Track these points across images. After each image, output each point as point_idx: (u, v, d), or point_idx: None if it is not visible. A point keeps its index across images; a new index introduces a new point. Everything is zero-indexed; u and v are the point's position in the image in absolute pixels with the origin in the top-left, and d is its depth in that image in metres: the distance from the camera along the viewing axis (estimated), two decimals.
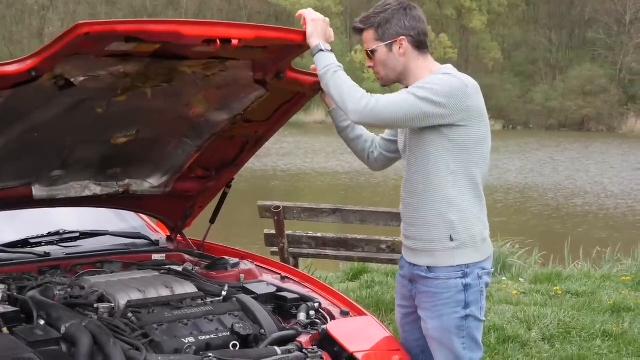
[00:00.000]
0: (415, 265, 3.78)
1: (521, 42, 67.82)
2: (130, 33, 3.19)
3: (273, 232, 7.96)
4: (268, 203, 7.84)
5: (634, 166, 31.23)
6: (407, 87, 3.73)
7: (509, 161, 30.95)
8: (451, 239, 3.66)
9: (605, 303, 7.82)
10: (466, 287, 3.67)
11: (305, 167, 28.70)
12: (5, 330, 3.32)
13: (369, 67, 3.82)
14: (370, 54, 3.76)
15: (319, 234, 8.07)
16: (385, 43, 3.70)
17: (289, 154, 31.81)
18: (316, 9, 3.80)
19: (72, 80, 3.36)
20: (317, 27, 3.65)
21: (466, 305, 3.68)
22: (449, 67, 3.75)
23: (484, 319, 3.82)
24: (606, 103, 57.27)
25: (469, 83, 3.65)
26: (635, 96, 58.14)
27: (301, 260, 8.58)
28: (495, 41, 67.53)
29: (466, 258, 3.68)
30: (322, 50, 3.63)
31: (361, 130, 4.05)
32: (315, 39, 3.63)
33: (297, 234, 8.03)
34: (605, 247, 11.89)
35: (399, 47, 3.69)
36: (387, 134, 4.07)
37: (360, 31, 3.79)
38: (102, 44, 3.20)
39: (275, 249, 7.94)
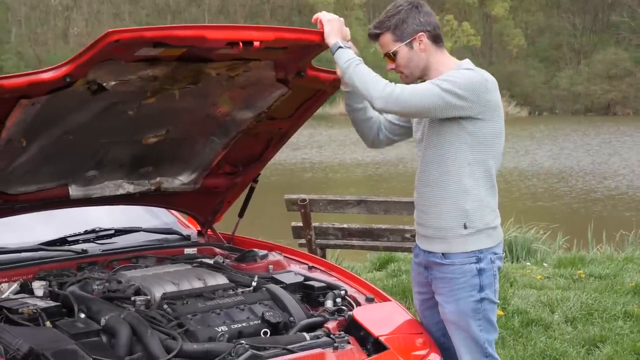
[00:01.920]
0: (430, 252, 3.91)
1: (545, 27, 67.50)
2: (157, 39, 3.34)
3: (300, 224, 8.10)
4: (294, 196, 7.97)
5: None
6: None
7: (536, 147, 30.91)
8: (465, 227, 3.79)
9: (628, 285, 7.88)
10: (480, 271, 3.80)
11: (329, 159, 28.84)
12: (48, 323, 3.46)
13: (390, 69, 3.94)
14: (392, 56, 3.87)
15: (344, 225, 8.20)
16: (405, 42, 3.82)
17: (316, 147, 31.94)
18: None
19: (104, 84, 3.50)
20: (333, 26, 3.78)
21: (481, 289, 3.81)
22: (468, 63, 3.88)
23: (497, 301, 3.95)
24: (632, 86, 56.93)
25: (489, 79, 3.78)
26: None
27: (328, 252, 8.71)
28: (518, 27, 67.25)
29: (479, 244, 3.81)
30: (340, 47, 3.75)
31: (372, 112, 4.16)
32: (332, 38, 3.76)
33: (324, 225, 8.17)
34: (629, 230, 11.95)
35: (419, 44, 3.82)
36: (393, 117, 4.18)
37: (376, 36, 3.90)
38: (132, 49, 3.34)
39: (302, 240, 8.07)
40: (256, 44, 3.51)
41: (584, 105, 57.81)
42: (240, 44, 3.49)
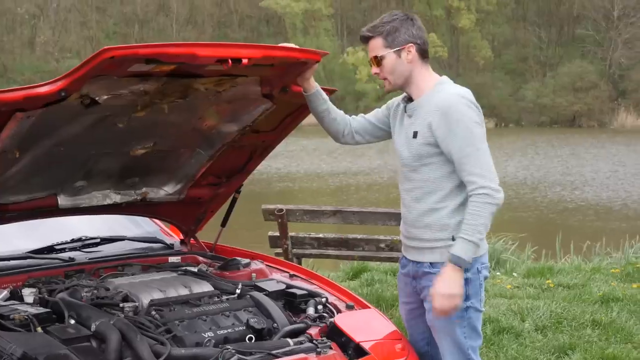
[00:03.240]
0: (418, 262, 4.03)
1: (511, 40, 67.93)
2: (150, 55, 3.43)
3: (277, 234, 8.21)
4: (272, 206, 8.08)
5: (623, 161, 31.51)
6: (409, 94, 4.02)
7: (505, 159, 31.17)
8: (453, 239, 3.89)
9: (595, 294, 8.03)
10: (467, 280, 3.89)
11: (300, 169, 28.95)
12: (39, 329, 3.55)
13: (375, 73, 4.04)
14: (379, 61, 3.99)
15: (320, 235, 8.32)
16: (394, 50, 3.94)
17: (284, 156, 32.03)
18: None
19: (97, 98, 3.59)
20: (445, 302, 3.85)
21: (467, 298, 3.91)
22: (446, 79, 4.03)
23: (483, 309, 4.07)
24: (597, 99, 57.43)
25: (480, 119, 3.92)
26: (625, 91, 58.37)
27: (303, 261, 8.82)
28: (485, 39, 67.63)
29: None
30: (455, 256, 3.80)
31: (336, 113, 4.27)
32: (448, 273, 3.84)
33: (300, 235, 8.28)
34: (596, 240, 12.17)
35: (407, 54, 3.94)
36: (374, 119, 4.30)
37: (367, 39, 4.01)
38: (125, 65, 3.44)
39: (279, 250, 8.17)
40: (244, 61, 3.62)
41: (550, 117, 58.21)
42: (230, 61, 3.59)
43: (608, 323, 7.05)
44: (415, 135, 3.94)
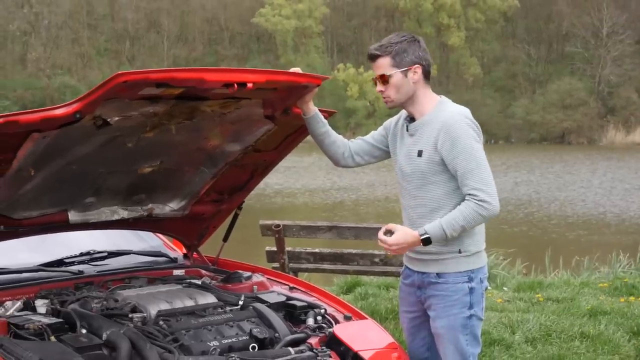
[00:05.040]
0: (424, 273, 4.21)
1: (500, 57, 68.24)
2: (161, 80, 3.61)
3: (274, 249, 8.33)
4: (269, 222, 8.22)
5: (613, 177, 31.76)
6: (410, 113, 4.21)
7: (497, 175, 31.31)
8: (460, 252, 4.12)
9: (584, 308, 8.19)
10: (471, 290, 4.13)
11: (294, 186, 29.10)
12: (53, 338, 3.72)
13: (380, 91, 4.20)
14: (385, 80, 4.14)
15: (316, 250, 8.44)
16: (402, 70, 4.12)
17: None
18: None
19: (108, 120, 3.77)
20: (402, 246, 4.10)
21: (471, 306, 4.14)
22: (445, 99, 4.24)
23: (483, 318, 4.28)
24: (586, 116, 57.73)
25: (479, 136, 4.14)
26: (614, 108, 58.69)
27: (299, 275, 8.94)
28: (474, 57, 67.96)
29: (471, 264, 4.15)
30: (426, 235, 4.03)
31: (335, 137, 4.44)
32: (413, 244, 4.08)
33: (297, 250, 8.39)
34: (583, 255, 12.36)
35: (413, 74, 4.13)
36: (372, 139, 4.47)
37: (375, 57, 4.16)
38: (137, 89, 3.62)
39: (276, 264, 8.25)
40: (249, 85, 3.80)
41: (539, 134, 58.46)
42: (236, 85, 3.78)
43: (596, 335, 7.21)
44: (420, 154, 4.13)
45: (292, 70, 4.15)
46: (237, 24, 72.12)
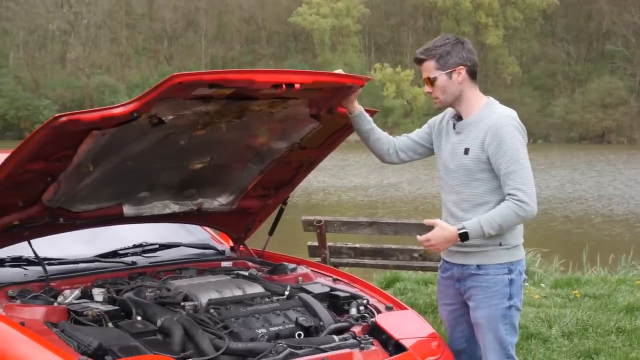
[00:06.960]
0: (464, 265, 4.37)
1: (539, 55, 67.86)
2: (214, 81, 3.80)
3: (316, 244, 8.53)
4: (311, 217, 8.42)
5: None
6: (458, 112, 4.37)
7: (536, 174, 31.25)
8: (500, 245, 4.28)
9: (620, 304, 8.28)
10: (511, 281, 4.28)
11: (336, 184, 29.23)
12: (110, 324, 3.92)
13: (428, 92, 4.38)
14: (431, 82, 4.31)
15: (357, 245, 8.62)
16: (446, 72, 4.28)
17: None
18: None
19: (163, 118, 3.94)
20: (441, 242, 4.28)
21: (510, 297, 4.29)
22: (493, 101, 4.40)
23: (522, 308, 4.43)
24: (626, 115, 57.31)
25: (524, 138, 4.32)
26: None
27: (340, 270, 9.11)
28: (512, 55, 67.68)
29: (511, 257, 4.31)
30: (464, 230, 4.20)
31: (380, 134, 4.62)
32: (453, 240, 4.24)
33: (338, 245, 8.58)
34: (621, 253, 12.39)
35: (458, 75, 4.28)
36: (416, 137, 4.62)
37: (421, 61, 4.34)
38: (190, 90, 3.80)
39: (317, 259, 8.41)
40: (297, 86, 3.98)
41: (579, 133, 58.15)
42: (284, 86, 3.96)
43: (632, 330, 7.32)
44: (466, 151, 4.29)
45: (336, 71, 4.31)
46: (274, 23, 72.41)
